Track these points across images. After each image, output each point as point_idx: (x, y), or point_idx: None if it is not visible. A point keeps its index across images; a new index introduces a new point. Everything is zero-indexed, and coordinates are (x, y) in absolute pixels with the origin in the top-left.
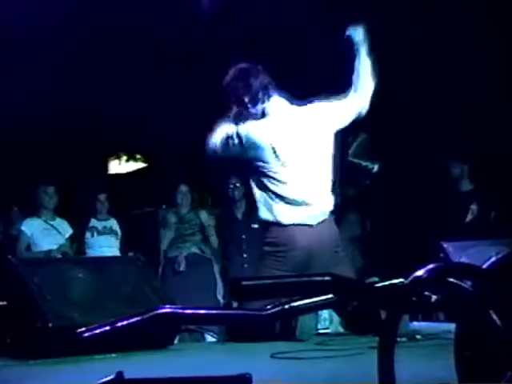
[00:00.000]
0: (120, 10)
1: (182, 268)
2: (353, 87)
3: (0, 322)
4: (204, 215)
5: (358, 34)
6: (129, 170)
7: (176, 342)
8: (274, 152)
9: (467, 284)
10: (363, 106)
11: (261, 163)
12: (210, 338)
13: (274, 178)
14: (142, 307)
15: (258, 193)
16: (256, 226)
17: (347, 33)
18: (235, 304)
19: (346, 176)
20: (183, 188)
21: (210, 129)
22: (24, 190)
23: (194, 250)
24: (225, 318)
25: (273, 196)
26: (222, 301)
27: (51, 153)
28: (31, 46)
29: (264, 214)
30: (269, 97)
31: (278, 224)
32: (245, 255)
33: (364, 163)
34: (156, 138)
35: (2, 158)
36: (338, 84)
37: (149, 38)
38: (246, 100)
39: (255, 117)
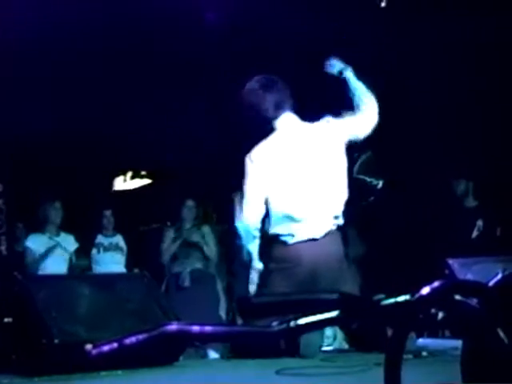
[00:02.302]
0: (127, 28)
1: (186, 284)
2: (358, 109)
3: (6, 338)
4: (207, 230)
5: (334, 67)
6: (134, 187)
7: (181, 357)
8: (282, 169)
9: (474, 301)
10: (373, 121)
11: (269, 180)
12: (212, 354)
13: (282, 195)
14: (147, 324)
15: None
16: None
17: (325, 69)
18: (239, 320)
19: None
20: (190, 203)
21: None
22: (29, 207)
23: (198, 265)
24: (232, 335)
25: (279, 213)
26: (224, 317)
27: (57, 169)
28: (38, 66)
29: (270, 230)
30: (279, 115)
31: (283, 241)
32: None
33: (369, 179)
34: (161, 154)
35: (7, 174)
36: (349, 100)
37: (154, 56)
38: (259, 117)
39: (265, 133)
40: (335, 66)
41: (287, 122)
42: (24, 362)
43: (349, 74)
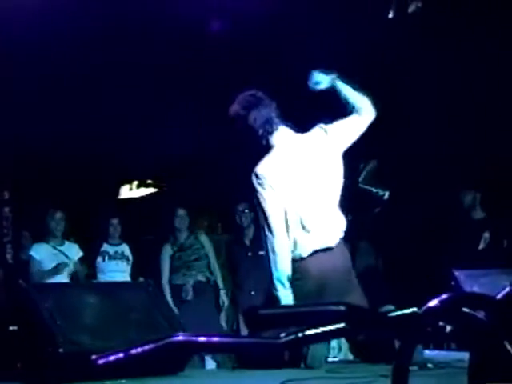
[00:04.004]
0: (131, 38)
1: (189, 297)
2: (353, 111)
3: (11, 346)
4: (204, 238)
5: (319, 82)
6: (140, 195)
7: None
8: (285, 186)
9: (481, 314)
10: (369, 117)
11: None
12: (210, 364)
13: (291, 209)
14: (152, 333)
15: None
16: (263, 252)
17: (313, 81)
18: (244, 331)
19: (357, 203)
20: (181, 212)
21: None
22: (35, 215)
23: (200, 277)
24: (238, 345)
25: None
26: (225, 327)
27: (63, 177)
28: (43, 75)
29: None
30: (272, 131)
31: (294, 257)
32: (252, 282)
33: (374, 190)
34: (167, 163)
35: (14, 183)
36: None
37: (160, 65)
38: (249, 135)
39: (261, 150)
40: (320, 81)
41: (283, 137)
42: (29, 370)
43: (337, 82)
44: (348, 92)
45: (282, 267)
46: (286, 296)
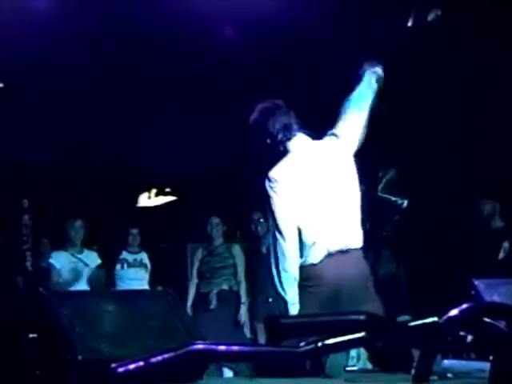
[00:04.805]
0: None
1: (213, 306)
2: (357, 103)
3: (30, 354)
4: (236, 250)
5: (374, 69)
6: (158, 204)
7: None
8: (299, 191)
9: (502, 324)
10: (363, 119)
11: (293, 203)
12: (227, 372)
13: (304, 215)
14: (171, 341)
15: None
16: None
17: (365, 65)
18: (261, 339)
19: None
20: (215, 220)
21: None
22: (55, 222)
23: (224, 286)
24: (258, 354)
25: (300, 233)
26: (248, 335)
27: (82, 186)
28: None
29: None
30: (290, 136)
31: (306, 260)
32: (269, 289)
33: (393, 198)
34: (185, 171)
35: (34, 191)
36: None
37: (177, 75)
38: (268, 141)
39: (278, 156)
40: (374, 68)
41: (300, 143)
42: (48, 377)
43: (374, 74)
44: (369, 89)
45: (291, 270)
46: (293, 297)
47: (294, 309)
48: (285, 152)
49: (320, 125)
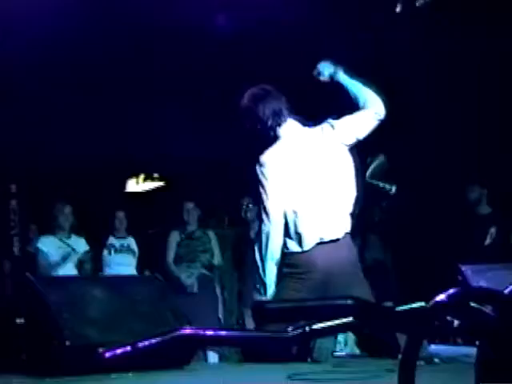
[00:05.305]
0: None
1: (195, 290)
2: (361, 106)
3: (17, 339)
4: (211, 234)
5: (323, 72)
6: (146, 189)
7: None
8: (292, 175)
9: (489, 309)
10: (379, 112)
11: (281, 188)
12: (212, 357)
13: (293, 201)
14: (158, 326)
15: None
16: None
17: (317, 71)
18: (249, 324)
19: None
20: (189, 205)
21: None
22: (42, 208)
23: (203, 270)
24: (246, 339)
25: (291, 219)
26: (222, 320)
27: (69, 171)
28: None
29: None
30: (280, 122)
31: (296, 246)
32: (257, 275)
33: (381, 185)
34: (174, 157)
35: (21, 176)
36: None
37: (169, 63)
38: (259, 127)
39: (268, 142)
40: (324, 70)
41: (290, 129)
42: (35, 362)
43: (341, 76)
44: (355, 86)
45: (272, 248)
46: (271, 280)
47: (270, 291)
48: (275, 138)
49: (316, 113)
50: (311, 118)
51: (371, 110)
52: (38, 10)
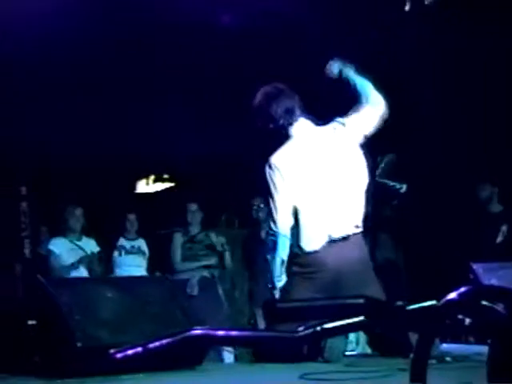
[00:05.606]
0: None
1: (194, 293)
2: (364, 100)
3: (29, 340)
4: (213, 237)
5: (333, 69)
6: (156, 190)
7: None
8: (303, 175)
9: (500, 307)
10: (381, 110)
11: (292, 187)
12: (228, 357)
13: (304, 200)
14: (169, 327)
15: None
16: None
17: (326, 71)
18: (261, 324)
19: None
20: (193, 207)
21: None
22: (53, 210)
23: (206, 274)
24: (257, 339)
25: (301, 218)
26: (228, 323)
27: (80, 172)
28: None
29: (292, 237)
30: (292, 121)
31: (307, 246)
32: (269, 275)
33: (392, 183)
34: (184, 158)
35: (31, 178)
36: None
37: (177, 62)
38: (271, 125)
39: (280, 141)
40: (335, 67)
41: (302, 128)
42: (47, 364)
43: (349, 73)
44: (361, 84)
45: (280, 253)
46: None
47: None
48: (286, 137)
49: (325, 111)
50: (318, 116)
51: (375, 108)
52: (38, 8)
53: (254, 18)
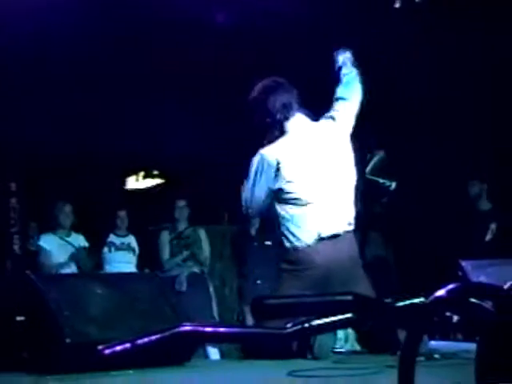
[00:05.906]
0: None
1: (183, 288)
2: (345, 88)
3: (17, 336)
4: (202, 234)
5: (344, 57)
6: (146, 186)
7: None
8: (294, 171)
9: (488, 304)
10: (359, 100)
11: (282, 183)
12: (213, 354)
13: (295, 198)
14: (158, 324)
15: (276, 211)
16: (269, 242)
17: (336, 56)
18: (249, 321)
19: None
20: (181, 203)
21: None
22: (42, 206)
23: (195, 269)
24: (246, 335)
25: (292, 214)
26: (217, 319)
27: (70, 168)
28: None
29: (283, 232)
30: (288, 116)
31: (296, 242)
32: (257, 271)
33: (381, 181)
34: (174, 154)
35: (21, 174)
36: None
37: (167, 60)
38: (267, 120)
39: (276, 136)
40: (345, 57)
41: (298, 123)
42: (35, 360)
43: (344, 56)
44: (351, 76)
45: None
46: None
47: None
48: (282, 132)
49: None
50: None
51: (356, 99)
52: (34, 4)
53: (249, 15)
